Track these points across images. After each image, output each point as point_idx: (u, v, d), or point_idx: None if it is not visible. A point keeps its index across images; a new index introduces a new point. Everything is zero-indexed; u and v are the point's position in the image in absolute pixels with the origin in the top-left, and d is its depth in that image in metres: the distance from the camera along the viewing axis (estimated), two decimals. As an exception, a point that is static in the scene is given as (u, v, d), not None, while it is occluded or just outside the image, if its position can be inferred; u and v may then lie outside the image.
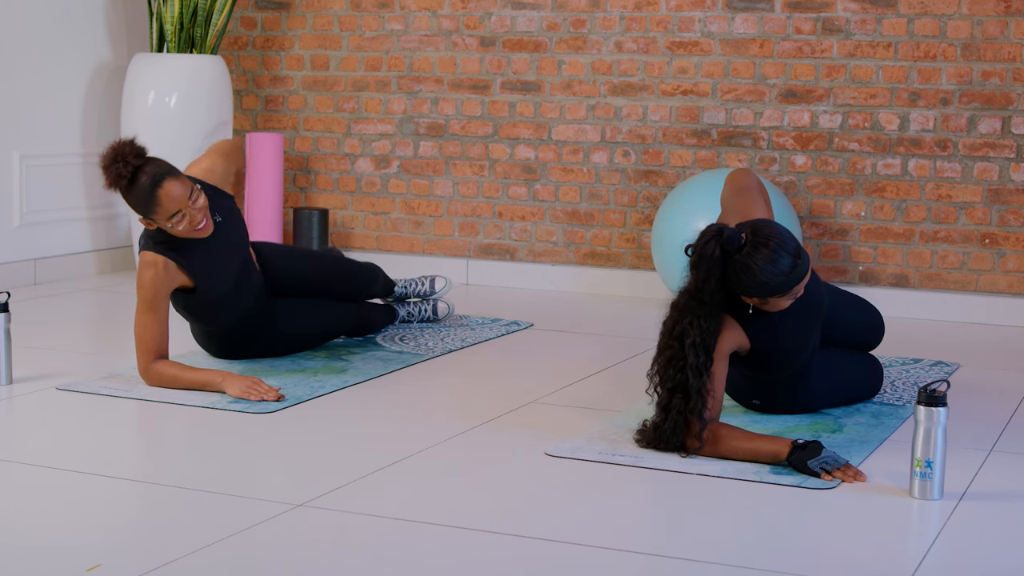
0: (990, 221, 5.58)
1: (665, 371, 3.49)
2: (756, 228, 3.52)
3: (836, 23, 5.72)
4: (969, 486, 3.31)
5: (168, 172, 4.00)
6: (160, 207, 3.99)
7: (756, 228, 3.52)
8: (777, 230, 3.51)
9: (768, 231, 3.50)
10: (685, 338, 3.46)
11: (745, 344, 3.62)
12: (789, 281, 3.50)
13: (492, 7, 6.23)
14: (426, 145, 6.41)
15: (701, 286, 3.46)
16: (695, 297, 3.48)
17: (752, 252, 3.46)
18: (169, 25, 6.04)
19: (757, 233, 3.50)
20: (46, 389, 4.05)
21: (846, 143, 5.75)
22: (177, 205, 3.99)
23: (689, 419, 3.43)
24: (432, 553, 2.78)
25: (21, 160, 5.90)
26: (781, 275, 3.48)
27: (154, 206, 3.98)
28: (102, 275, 6.29)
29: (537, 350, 4.84)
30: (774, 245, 3.46)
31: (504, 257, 6.33)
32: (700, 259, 3.46)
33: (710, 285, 3.46)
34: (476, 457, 3.50)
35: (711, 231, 3.48)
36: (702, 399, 3.43)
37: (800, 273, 3.52)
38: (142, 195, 3.97)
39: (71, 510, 3.01)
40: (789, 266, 3.48)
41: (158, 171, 3.99)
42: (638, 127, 6.05)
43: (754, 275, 3.47)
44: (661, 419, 3.48)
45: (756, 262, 3.46)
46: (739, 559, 2.78)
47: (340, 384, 4.18)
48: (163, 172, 3.99)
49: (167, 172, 4.00)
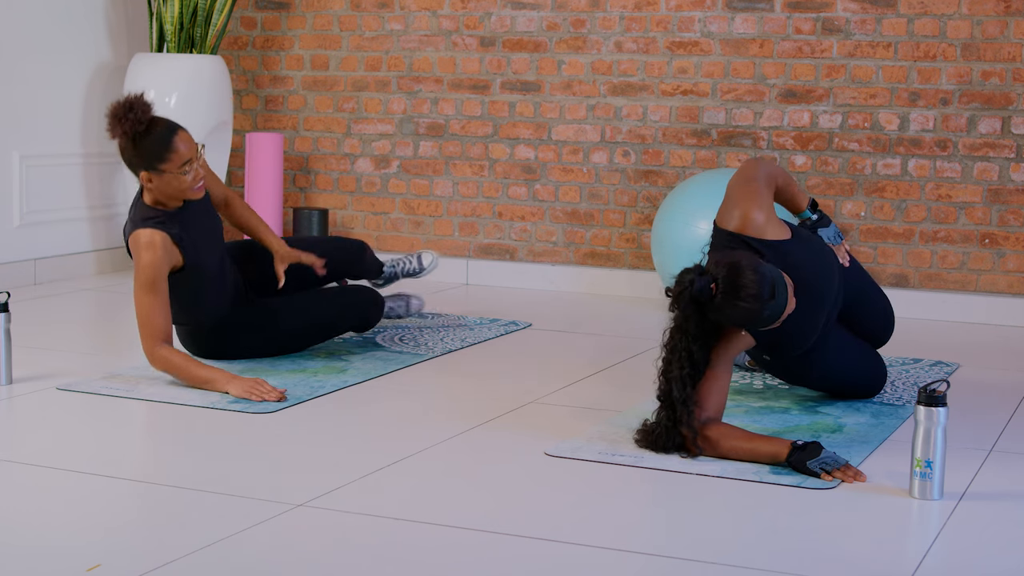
0: (990, 221, 5.58)
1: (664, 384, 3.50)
2: (728, 274, 3.43)
3: (836, 23, 5.72)
4: (969, 486, 3.31)
5: (177, 125, 4.18)
6: (175, 153, 4.10)
7: (728, 274, 3.43)
8: (747, 277, 3.42)
9: (738, 278, 3.41)
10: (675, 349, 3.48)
11: (751, 342, 3.64)
12: (766, 320, 3.46)
13: (492, 7, 6.23)
14: (426, 145, 6.41)
15: (683, 324, 3.49)
16: (680, 329, 3.50)
17: (723, 302, 3.43)
18: (169, 25, 6.04)
19: (728, 280, 3.42)
20: (46, 389, 4.05)
21: (846, 143, 5.75)
22: (190, 154, 4.14)
23: (680, 429, 3.43)
24: (432, 553, 2.78)
25: (21, 160, 5.90)
26: (755, 318, 3.44)
27: (170, 152, 4.09)
28: (102, 275, 6.29)
29: (537, 350, 4.84)
30: (744, 295, 3.40)
31: (504, 257, 6.33)
32: (677, 304, 3.48)
33: (691, 321, 3.48)
34: (476, 457, 3.50)
35: (685, 280, 3.45)
36: (688, 409, 3.42)
37: (776, 312, 3.45)
38: (159, 140, 4.09)
39: (71, 510, 3.01)
40: (760, 310, 3.42)
41: (172, 122, 4.18)
42: (638, 127, 6.05)
43: (731, 319, 3.48)
44: (654, 427, 3.50)
45: (727, 311, 3.44)
46: (739, 559, 2.78)
47: (340, 384, 4.18)
48: (176, 123, 4.19)
49: (170, 123, 4.18)
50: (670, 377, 3.46)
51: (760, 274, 3.43)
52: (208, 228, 4.32)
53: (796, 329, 3.73)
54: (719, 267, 3.46)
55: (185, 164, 4.11)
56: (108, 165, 6.34)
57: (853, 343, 4.05)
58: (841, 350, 3.98)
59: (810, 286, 3.70)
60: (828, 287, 3.82)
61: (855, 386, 4.07)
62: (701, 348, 3.50)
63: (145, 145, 4.09)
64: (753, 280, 3.41)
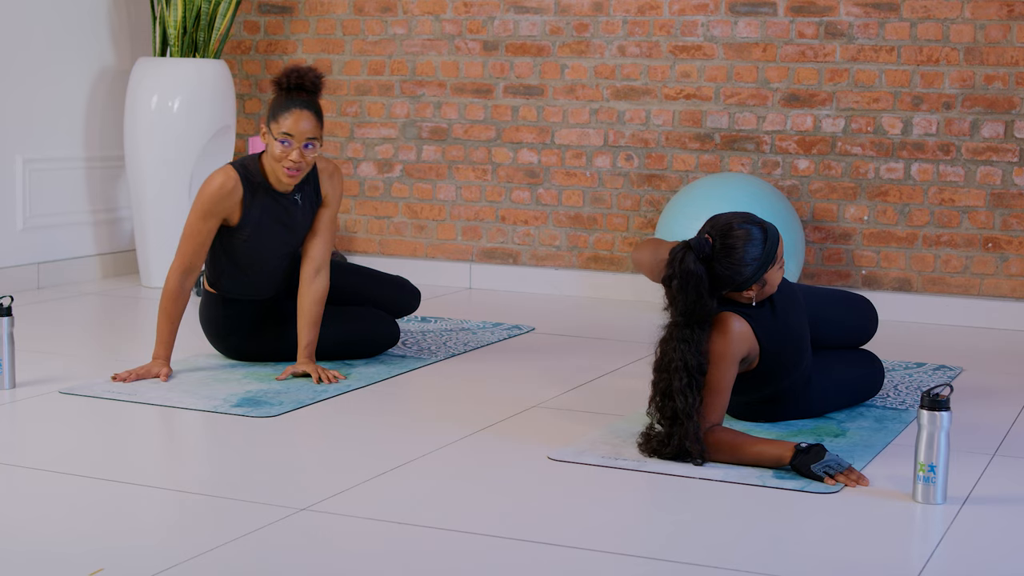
0: (993, 225, 5.58)
1: (663, 404, 3.48)
2: (712, 224, 3.57)
3: (839, 27, 5.72)
4: (972, 490, 3.30)
5: (313, 107, 4.23)
6: (285, 120, 4.19)
7: (712, 224, 3.57)
8: (726, 215, 3.59)
9: (722, 220, 3.57)
10: (671, 364, 3.46)
11: (755, 348, 3.62)
12: (771, 246, 3.57)
13: (495, 11, 6.23)
14: (429, 149, 6.41)
15: (693, 308, 3.45)
16: (680, 324, 3.48)
17: (725, 243, 3.51)
18: (172, 29, 6.04)
19: (715, 227, 3.55)
20: (49, 393, 4.05)
21: (849, 147, 5.75)
22: (296, 130, 4.19)
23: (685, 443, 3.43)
24: (435, 557, 2.78)
25: (24, 164, 5.90)
26: (761, 244, 3.54)
27: (283, 115, 4.20)
28: (105, 279, 6.29)
29: (540, 354, 4.84)
30: (737, 225, 3.54)
31: (507, 261, 6.33)
32: (685, 279, 3.45)
33: (702, 302, 3.45)
34: (479, 461, 3.49)
35: (679, 251, 3.47)
36: (693, 422, 3.41)
37: (773, 233, 3.59)
38: (285, 99, 4.22)
39: (74, 514, 3.01)
40: (761, 234, 3.56)
41: (311, 100, 4.24)
42: (641, 131, 6.05)
43: (744, 260, 3.52)
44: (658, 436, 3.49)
45: (737, 249, 3.50)
46: (742, 564, 2.78)
47: (343, 388, 4.18)
48: (309, 104, 4.23)
49: (314, 107, 4.23)
50: (672, 391, 3.44)
51: (737, 212, 3.60)
52: (279, 232, 4.36)
53: (794, 333, 3.73)
54: (702, 230, 3.57)
55: (286, 137, 4.19)
56: (111, 169, 6.35)
57: (834, 358, 4.01)
58: (827, 373, 3.93)
59: (780, 289, 3.73)
60: (793, 290, 3.85)
61: (854, 401, 4.06)
62: (696, 339, 3.47)
63: (277, 97, 4.26)
64: (734, 215, 3.58)
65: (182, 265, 4.26)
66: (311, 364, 4.28)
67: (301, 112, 4.20)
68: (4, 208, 5.85)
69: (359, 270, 4.75)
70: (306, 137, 4.21)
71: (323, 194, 4.39)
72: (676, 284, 3.46)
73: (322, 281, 4.36)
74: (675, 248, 3.50)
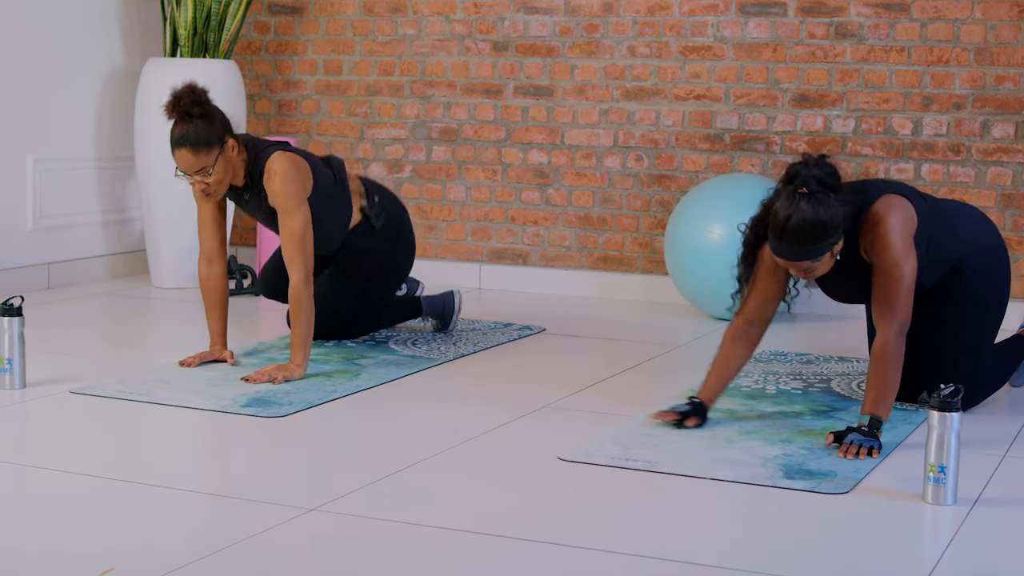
0: (1004, 226, 5.56)
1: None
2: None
3: (849, 27, 5.72)
4: (983, 491, 3.30)
5: (188, 142, 4.22)
6: (174, 158, 4.28)
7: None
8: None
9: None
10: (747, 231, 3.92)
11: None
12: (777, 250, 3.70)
13: (505, 12, 6.23)
14: (439, 150, 6.41)
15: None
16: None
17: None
18: (182, 30, 6.05)
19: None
20: (60, 393, 4.06)
21: (859, 148, 5.74)
22: (183, 168, 4.28)
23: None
24: (444, 557, 2.78)
25: (35, 164, 5.91)
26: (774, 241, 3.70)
27: (172, 153, 4.28)
28: (115, 279, 6.30)
29: (549, 355, 4.84)
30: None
31: (517, 262, 6.33)
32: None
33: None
34: (489, 461, 3.50)
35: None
36: (737, 297, 3.93)
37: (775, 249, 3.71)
38: (170, 136, 4.29)
39: (84, 514, 3.02)
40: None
41: (183, 135, 4.22)
42: (651, 132, 6.04)
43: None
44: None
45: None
46: (751, 564, 2.78)
47: (353, 388, 4.18)
48: (184, 139, 4.22)
49: (189, 141, 4.22)
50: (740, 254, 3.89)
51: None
52: (262, 220, 4.56)
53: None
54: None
55: (179, 172, 4.31)
56: (122, 169, 6.36)
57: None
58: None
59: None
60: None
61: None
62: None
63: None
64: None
65: (200, 251, 4.48)
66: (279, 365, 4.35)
67: (179, 152, 4.24)
68: (15, 208, 5.86)
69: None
70: (194, 171, 4.26)
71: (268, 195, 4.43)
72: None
73: (293, 278, 4.30)
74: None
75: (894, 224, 3.73)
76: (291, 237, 4.30)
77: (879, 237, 3.73)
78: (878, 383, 3.62)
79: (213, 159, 4.25)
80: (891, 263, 3.70)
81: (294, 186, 4.33)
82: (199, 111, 4.25)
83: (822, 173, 3.61)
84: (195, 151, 4.22)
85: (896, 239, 3.71)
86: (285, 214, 4.32)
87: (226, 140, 4.30)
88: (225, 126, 4.33)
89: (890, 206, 3.76)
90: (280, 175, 4.33)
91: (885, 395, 3.61)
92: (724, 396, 4.14)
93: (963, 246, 3.96)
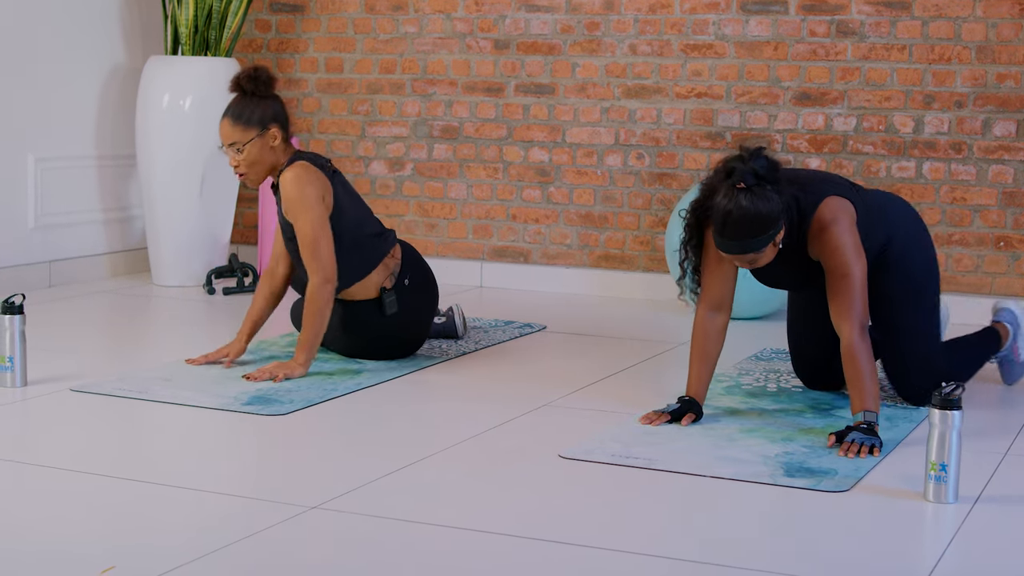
0: (1005, 224, 5.56)
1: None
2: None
3: (850, 25, 5.72)
4: (984, 490, 3.30)
5: (231, 112, 4.29)
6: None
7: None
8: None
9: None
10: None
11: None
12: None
13: (506, 10, 6.23)
14: (440, 148, 6.41)
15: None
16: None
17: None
18: (183, 28, 6.05)
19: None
20: (61, 391, 4.06)
21: (860, 146, 5.74)
22: (221, 137, 4.31)
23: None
24: (445, 556, 2.78)
25: (36, 163, 5.91)
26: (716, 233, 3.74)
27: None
28: (116, 277, 6.30)
29: (550, 353, 4.84)
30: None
31: (518, 260, 6.33)
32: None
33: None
34: (490, 459, 3.50)
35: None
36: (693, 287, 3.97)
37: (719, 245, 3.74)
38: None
39: (85, 512, 3.02)
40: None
41: (230, 106, 4.31)
42: (652, 130, 6.04)
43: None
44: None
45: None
46: (752, 561, 2.78)
47: (354, 387, 4.18)
48: (229, 109, 4.30)
49: (232, 112, 4.29)
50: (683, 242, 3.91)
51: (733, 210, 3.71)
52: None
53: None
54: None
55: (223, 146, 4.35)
56: (123, 168, 6.36)
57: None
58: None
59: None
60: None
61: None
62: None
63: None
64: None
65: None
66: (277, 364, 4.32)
67: (222, 120, 4.30)
68: (16, 207, 5.86)
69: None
70: (227, 143, 4.28)
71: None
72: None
73: (311, 281, 4.27)
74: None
75: (842, 229, 3.77)
76: (303, 243, 4.26)
77: (828, 242, 3.77)
78: (857, 379, 3.65)
79: (248, 137, 4.26)
80: (843, 266, 3.75)
81: (304, 189, 4.24)
82: (253, 89, 4.31)
83: (758, 166, 3.63)
84: (233, 123, 4.26)
85: (846, 242, 3.76)
86: (295, 220, 4.26)
87: (269, 127, 4.29)
88: (276, 116, 4.32)
89: (834, 211, 3.79)
90: (291, 180, 4.26)
91: (867, 389, 3.63)
92: (724, 395, 4.15)
93: (888, 228, 4.00)
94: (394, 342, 4.54)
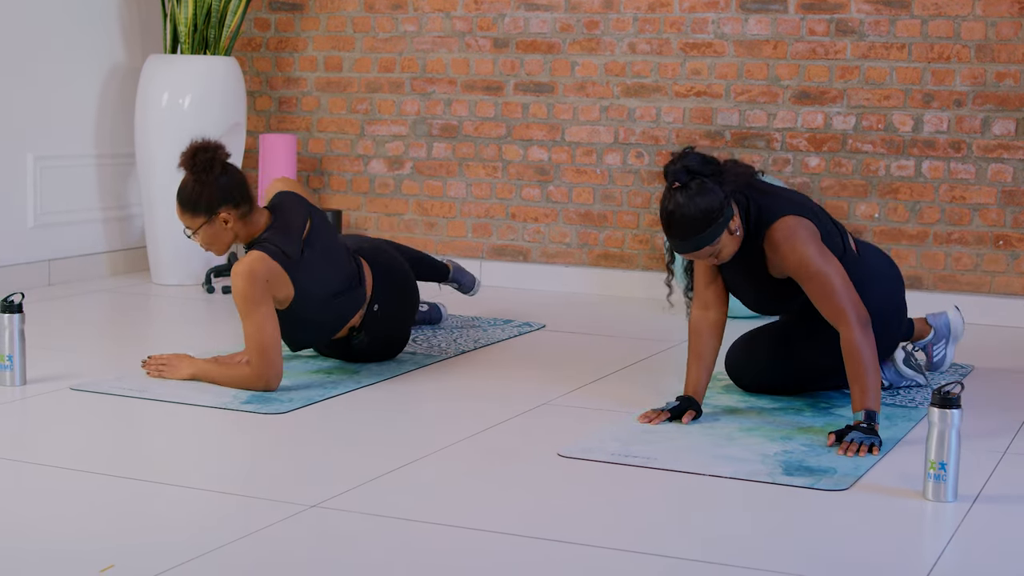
0: (1004, 223, 5.57)
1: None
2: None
3: (850, 24, 5.72)
4: (983, 488, 3.30)
5: (179, 198, 4.13)
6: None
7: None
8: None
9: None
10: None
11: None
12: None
13: (505, 8, 6.23)
14: (439, 146, 6.41)
15: None
16: None
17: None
18: (183, 26, 6.05)
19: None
20: (60, 389, 4.06)
21: (860, 144, 5.74)
22: (183, 224, 4.19)
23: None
24: (444, 555, 2.78)
25: (35, 161, 5.91)
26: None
27: None
28: (116, 276, 6.30)
29: (550, 351, 4.84)
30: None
31: (517, 258, 6.33)
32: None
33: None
34: (489, 458, 3.50)
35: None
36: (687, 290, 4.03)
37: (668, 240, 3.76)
38: None
39: (85, 510, 3.02)
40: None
41: (179, 188, 4.13)
42: (651, 128, 6.04)
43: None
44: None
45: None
46: (750, 560, 2.78)
47: (353, 385, 4.18)
48: (178, 192, 4.14)
49: (179, 198, 4.12)
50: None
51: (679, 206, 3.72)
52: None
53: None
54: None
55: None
56: (122, 166, 6.36)
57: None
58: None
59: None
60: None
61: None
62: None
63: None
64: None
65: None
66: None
67: (176, 202, 4.15)
68: (15, 205, 5.86)
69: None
70: (185, 226, 4.16)
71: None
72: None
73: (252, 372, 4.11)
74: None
75: (801, 240, 3.74)
76: (248, 344, 4.06)
77: (789, 257, 3.74)
78: (858, 377, 3.64)
79: (197, 224, 4.11)
80: (814, 271, 3.72)
81: (248, 291, 4.01)
82: (199, 170, 4.09)
83: (690, 162, 3.65)
84: (182, 210, 4.12)
85: (809, 250, 3.73)
86: (241, 318, 4.06)
87: (218, 213, 4.09)
88: (225, 198, 4.08)
89: (788, 228, 3.75)
90: (239, 275, 4.04)
91: (869, 387, 3.62)
92: (723, 393, 4.15)
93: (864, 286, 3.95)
94: (375, 356, 4.53)
